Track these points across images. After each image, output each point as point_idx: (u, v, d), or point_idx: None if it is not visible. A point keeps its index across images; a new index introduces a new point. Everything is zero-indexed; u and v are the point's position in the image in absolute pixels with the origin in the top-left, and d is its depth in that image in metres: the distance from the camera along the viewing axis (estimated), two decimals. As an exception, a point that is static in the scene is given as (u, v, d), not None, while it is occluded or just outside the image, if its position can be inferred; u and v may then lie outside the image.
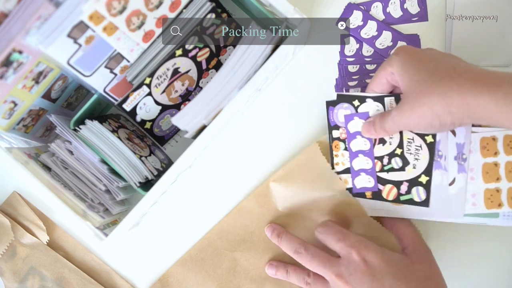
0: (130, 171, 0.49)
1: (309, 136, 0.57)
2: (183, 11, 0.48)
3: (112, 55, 0.46)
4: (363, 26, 0.56)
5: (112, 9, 0.41)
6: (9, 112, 0.47)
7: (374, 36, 0.56)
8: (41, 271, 0.58)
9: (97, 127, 0.49)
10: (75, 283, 0.58)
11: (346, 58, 0.56)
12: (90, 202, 0.51)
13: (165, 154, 0.57)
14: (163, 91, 0.51)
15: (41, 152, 0.52)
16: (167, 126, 0.56)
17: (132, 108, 0.50)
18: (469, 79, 0.40)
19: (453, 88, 0.40)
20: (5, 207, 0.59)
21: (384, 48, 0.56)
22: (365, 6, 0.56)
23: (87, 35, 0.43)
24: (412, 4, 0.56)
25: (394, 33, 0.56)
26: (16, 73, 0.43)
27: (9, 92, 0.44)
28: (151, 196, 0.48)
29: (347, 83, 0.56)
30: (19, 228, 0.58)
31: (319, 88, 0.57)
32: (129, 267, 0.59)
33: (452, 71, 0.41)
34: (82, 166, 0.50)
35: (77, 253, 0.59)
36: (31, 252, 0.58)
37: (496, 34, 0.55)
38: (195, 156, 0.48)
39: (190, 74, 0.52)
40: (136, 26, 0.45)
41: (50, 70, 0.47)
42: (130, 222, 0.49)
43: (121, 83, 0.50)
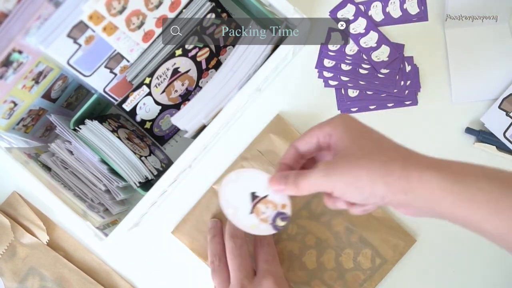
0: (130, 171, 0.49)
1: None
2: (183, 11, 0.48)
3: (112, 55, 0.46)
4: (353, 21, 0.56)
5: (112, 9, 0.41)
6: (9, 112, 0.47)
7: (360, 33, 0.56)
8: (41, 271, 0.58)
9: (97, 127, 0.49)
10: (75, 283, 0.58)
11: (328, 52, 0.56)
12: (90, 202, 0.51)
13: (165, 154, 0.57)
14: (163, 91, 0.51)
15: (41, 152, 0.52)
16: (167, 126, 0.56)
17: (132, 108, 0.50)
18: (416, 155, 0.38)
19: (397, 159, 0.37)
20: (5, 207, 0.59)
21: (367, 48, 0.56)
22: (364, 5, 0.56)
23: (87, 35, 0.43)
24: (411, 5, 0.56)
25: (381, 36, 0.56)
26: (16, 73, 0.43)
27: (9, 92, 0.44)
28: (151, 196, 0.48)
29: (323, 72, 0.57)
30: (19, 228, 0.58)
31: (319, 88, 0.57)
32: (129, 267, 0.59)
33: (398, 145, 0.39)
34: (82, 166, 0.50)
35: (77, 253, 0.59)
36: (31, 252, 0.58)
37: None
38: (194, 156, 0.48)
39: (190, 74, 0.52)
40: (136, 26, 0.45)
41: (50, 70, 0.47)
42: (130, 222, 0.49)
43: (121, 83, 0.50)
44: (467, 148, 0.56)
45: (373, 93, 0.56)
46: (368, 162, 0.37)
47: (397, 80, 0.56)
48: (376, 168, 0.37)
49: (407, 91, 0.56)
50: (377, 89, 0.56)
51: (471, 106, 0.56)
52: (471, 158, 0.56)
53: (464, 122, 0.56)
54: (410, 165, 0.36)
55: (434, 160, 0.37)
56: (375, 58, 0.55)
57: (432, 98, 0.57)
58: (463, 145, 0.56)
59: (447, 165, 0.36)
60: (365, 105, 0.57)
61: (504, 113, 0.54)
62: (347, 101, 0.57)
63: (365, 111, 0.57)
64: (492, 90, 0.56)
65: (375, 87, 0.56)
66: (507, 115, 0.54)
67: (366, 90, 0.56)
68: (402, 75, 0.56)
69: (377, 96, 0.56)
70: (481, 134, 0.55)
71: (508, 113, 0.54)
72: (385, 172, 0.36)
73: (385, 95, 0.56)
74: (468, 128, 0.56)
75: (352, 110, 0.57)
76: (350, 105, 0.57)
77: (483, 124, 0.55)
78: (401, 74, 0.56)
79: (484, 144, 0.55)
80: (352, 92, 0.56)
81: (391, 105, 0.57)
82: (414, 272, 0.56)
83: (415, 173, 0.36)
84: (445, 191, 0.35)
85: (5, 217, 0.57)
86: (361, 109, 0.57)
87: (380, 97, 0.56)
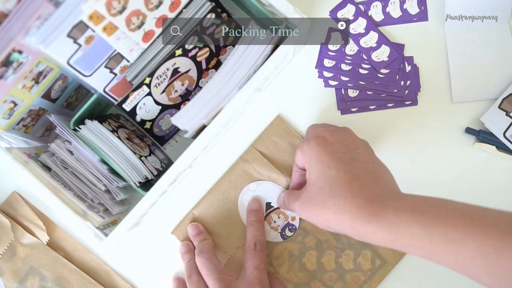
0: (130, 171, 0.49)
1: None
2: (183, 11, 0.48)
3: (112, 55, 0.46)
4: (353, 21, 0.56)
5: (112, 9, 0.41)
6: (9, 112, 0.47)
7: (360, 33, 0.56)
8: (41, 271, 0.58)
9: (97, 127, 0.49)
10: (75, 283, 0.58)
11: (328, 52, 0.56)
12: (90, 202, 0.51)
13: (165, 154, 0.57)
14: (163, 91, 0.51)
15: (41, 152, 0.52)
16: (167, 126, 0.55)
17: (132, 108, 0.50)
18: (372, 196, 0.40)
19: (345, 212, 0.40)
20: (5, 207, 0.59)
21: (367, 48, 0.56)
22: (364, 5, 0.56)
23: (87, 35, 0.43)
24: (411, 5, 0.56)
25: (381, 36, 0.56)
26: (16, 73, 0.43)
27: (9, 92, 0.44)
28: (151, 196, 0.48)
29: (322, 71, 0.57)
30: (19, 228, 0.58)
31: (319, 87, 0.57)
32: (129, 267, 0.59)
33: (344, 192, 0.41)
34: (82, 166, 0.50)
35: (77, 253, 0.59)
36: (31, 252, 0.58)
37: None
38: (194, 156, 0.48)
39: (190, 74, 0.52)
40: (136, 26, 0.45)
41: (50, 70, 0.47)
42: (130, 222, 0.49)
43: (121, 83, 0.50)
44: (467, 148, 0.56)
45: (373, 93, 0.56)
46: (324, 212, 0.42)
47: (397, 80, 0.56)
48: (331, 219, 0.41)
49: (407, 91, 0.56)
50: (377, 89, 0.56)
51: (471, 106, 0.56)
52: (471, 158, 0.56)
53: (464, 122, 0.56)
54: (356, 219, 0.40)
55: (377, 205, 0.40)
56: (375, 58, 0.55)
57: (432, 98, 0.57)
58: (463, 145, 0.56)
59: (386, 213, 0.39)
60: (365, 105, 0.57)
61: (504, 113, 0.54)
62: (347, 101, 0.57)
63: (365, 111, 0.57)
64: (492, 90, 0.56)
65: (375, 87, 0.56)
66: (507, 115, 0.54)
67: (366, 90, 0.56)
68: (402, 75, 0.56)
69: (377, 96, 0.56)
70: (481, 134, 0.55)
71: (508, 113, 0.54)
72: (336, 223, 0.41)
73: (385, 95, 0.56)
74: (468, 128, 0.56)
75: (352, 110, 0.57)
76: (350, 105, 0.57)
77: (483, 124, 0.55)
78: (401, 74, 0.56)
79: (484, 144, 0.55)
80: (352, 92, 0.56)
81: (391, 105, 0.57)
82: (414, 273, 0.56)
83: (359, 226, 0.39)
84: (385, 240, 0.38)
85: (5, 217, 0.57)
86: (361, 109, 0.57)
87: (380, 97, 0.56)
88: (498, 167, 0.56)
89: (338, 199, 0.40)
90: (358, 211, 0.39)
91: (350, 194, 0.40)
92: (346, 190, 0.41)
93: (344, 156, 0.43)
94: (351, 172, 0.42)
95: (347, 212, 0.40)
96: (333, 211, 0.41)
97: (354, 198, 0.40)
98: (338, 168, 0.42)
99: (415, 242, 0.36)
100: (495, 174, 0.56)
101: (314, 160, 0.44)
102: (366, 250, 0.56)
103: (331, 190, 0.41)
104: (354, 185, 0.41)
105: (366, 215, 0.39)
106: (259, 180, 0.56)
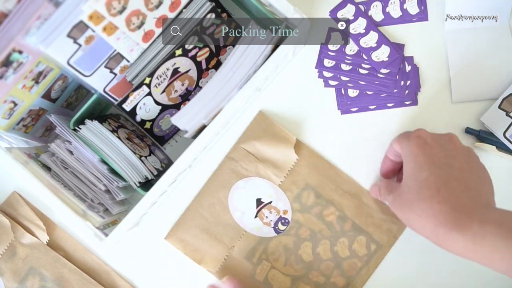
0: (130, 171, 0.49)
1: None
2: (183, 11, 0.48)
3: (112, 55, 0.46)
4: (353, 21, 0.56)
5: (112, 9, 0.41)
6: (9, 112, 0.47)
7: (360, 33, 0.56)
8: (41, 271, 0.58)
9: (97, 127, 0.49)
10: (75, 283, 0.58)
11: (328, 52, 0.56)
12: (90, 202, 0.51)
13: (165, 154, 0.57)
14: (163, 91, 0.51)
15: (41, 152, 0.52)
16: (167, 126, 0.56)
17: (132, 108, 0.50)
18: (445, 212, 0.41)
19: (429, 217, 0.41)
20: (5, 207, 0.59)
21: (367, 48, 0.56)
22: (364, 5, 0.56)
23: (87, 35, 0.43)
24: (411, 5, 0.56)
25: (381, 36, 0.55)
26: (16, 73, 0.43)
27: (9, 92, 0.44)
28: (151, 196, 0.48)
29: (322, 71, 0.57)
30: (19, 228, 0.58)
31: (319, 87, 0.57)
32: (129, 267, 0.59)
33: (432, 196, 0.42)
34: (82, 166, 0.50)
35: (77, 253, 0.59)
36: (31, 252, 0.58)
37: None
38: (194, 156, 0.48)
39: (190, 74, 0.52)
40: (136, 26, 0.45)
41: (50, 70, 0.47)
42: (130, 222, 0.49)
43: (121, 83, 0.50)
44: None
45: (373, 93, 0.56)
46: (409, 213, 0.43)
47: (397, 80, 0.56)
48: (428, 218, 0.41)
49: (407, 91, 0.56)
50: (377, 89, 0.56)
51: (471, 106, 0.56)
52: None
53: (464, 122, 0.56)
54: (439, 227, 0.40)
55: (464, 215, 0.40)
56: (375, 58, 0.55)
57: (432, 98, 0.57)
58: (463, 145, 0.56)
59: (471, 223, 0.39)
60: (365, 105, 0.57)
61: (504, 113, 0.54)
62: (347, 101, 0.57)
63: (365, 111, 0.57)
64: (492, 90, 0.56)
65: (375, 87, 0.56)
66: (507, 115, 0.54)
67: (366, 90, 0.56)
68: (402, 75, 0.56)
69: (377, 96, 0.56)
70: (481, 134, 0.55)
71: (508, 113, 0.54)
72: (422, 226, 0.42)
73: (385, 95, 0.56)
74: (468, 128, 0.56)
75: (352, 110, 0.57)
76: (350, 105, 0.57)
77: (483, 124, 0.55)
78: (401, 74, 0.56)
79: (484, 144, 0.55)
80: (352, 92, 0.56)
81: (391, 105, 0.57)
82: (409, 254, 0.56)
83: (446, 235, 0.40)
84: (465, 250, 0.39)
85: (5, 217, 0.57)
86: (361, 109, 0.57)
87: (380, 97, 0.56)
88: (498, 167, 0.56)
89: (424, 202, 0.41)
90: (443, 218, 0.39)
91: (436, 200, 0.40)
92: (433, 194, 0.41)
93: (440, 161, 0.43)
94: (442, 177, 0.42)
95: (431, 217, 0.40)
96: (417, 214, 0.41)
97: (439, 204, 0.40)
98: (430, 171, 0.42)
99: (496, 255, 0.36)
100: (495, 174, 0.56)
101: (410, 158, 0.45)
102: (361, 236, 0.56)
103: (419, 192, 0.42)
104: (442, 190, 0.41)
105: (449, 222, 0.39)
106: (247, 177, 0.56)
